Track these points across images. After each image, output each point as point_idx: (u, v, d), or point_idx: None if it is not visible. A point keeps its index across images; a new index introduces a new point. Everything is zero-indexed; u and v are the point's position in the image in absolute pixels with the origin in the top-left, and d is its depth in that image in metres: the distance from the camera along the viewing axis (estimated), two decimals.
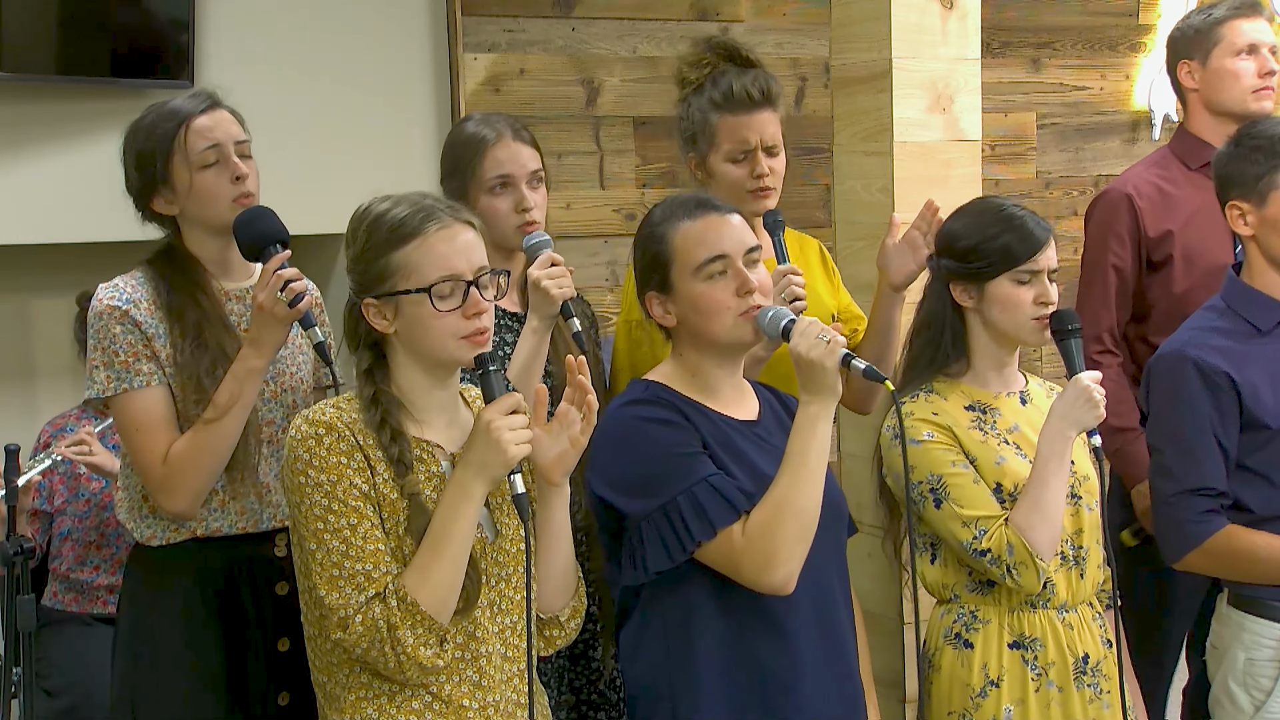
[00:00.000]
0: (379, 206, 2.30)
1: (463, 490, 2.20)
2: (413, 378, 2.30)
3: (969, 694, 2.77)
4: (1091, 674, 2.81)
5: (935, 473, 2.76)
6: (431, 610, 2.17)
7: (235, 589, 2.71)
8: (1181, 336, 3.00)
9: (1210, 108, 3.67)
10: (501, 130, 2.94)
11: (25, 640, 2.69)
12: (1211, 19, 3.67)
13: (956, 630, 2.81)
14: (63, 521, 3.84)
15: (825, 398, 2.41)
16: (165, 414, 2.64)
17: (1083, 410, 2.74)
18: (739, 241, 2.50)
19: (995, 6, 5.12)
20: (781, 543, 2.37)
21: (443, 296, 2.24)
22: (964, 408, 2.83)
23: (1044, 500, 2.71)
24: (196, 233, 2.74)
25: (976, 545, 2.71)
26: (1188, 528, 2.89)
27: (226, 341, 2.68)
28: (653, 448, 2.44)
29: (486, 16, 4.48)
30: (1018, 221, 2.82)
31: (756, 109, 3.02)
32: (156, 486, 2.63)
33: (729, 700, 2.44)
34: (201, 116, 2.71)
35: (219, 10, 4.10)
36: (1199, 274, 3.56)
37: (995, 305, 2.82)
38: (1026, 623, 2.78)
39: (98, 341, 2.65)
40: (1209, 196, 3.61)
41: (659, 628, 2.48)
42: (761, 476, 2.45)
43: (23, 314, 4.32)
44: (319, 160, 4.05)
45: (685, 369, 2.55)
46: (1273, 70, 3.64)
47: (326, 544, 2.18)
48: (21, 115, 3.89)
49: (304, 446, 2.21)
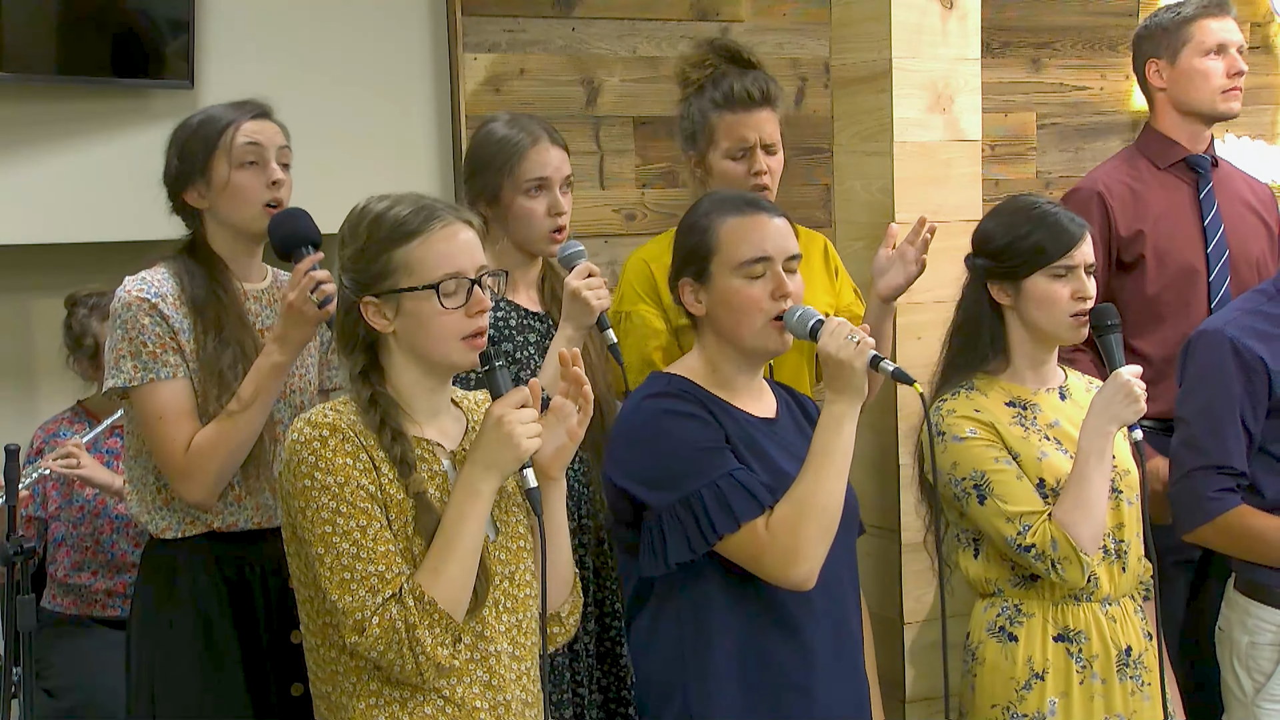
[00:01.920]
0: (378, 205, 2.30)
1: (472, 487, 2.19)
2: (410, 378, 2.29)
3: (1013, 686, 2.80)
4: (1134, 666, 2.85)
5: (979, 469, 2.79)
6: (448, 608, 2.16)
7: (248, 582, 2.75)
8: (1226, 315, 3.07)
9: (1179, 107, 3.65)
10: (538, 133, 2.99)
11: (25, 640, 2.69)
12: (1180, 17, 3.65)
13: (1000, 624, 2.84)
14: (57, 527, 3.83)
15: (852, 397, 2.44)
16: (188, 405, 2.68)
17: (1123, 405, 2.77)
18: (782, 247, 2.53)
19: (995, 6, 5.11)
20: (804, 539, 2.40)
21: (448, 294, 2.24)
22: (1004, 404, 2.86)
23: (1087, 495, 2.74)
24: (221, 231, 2.80)
25: (1021, 541, 2.74)
26: (1204, 503, 2.97)
27: (245, 339, 2.74)
28: (676, 441, 2.46)
29: (486, 16, 4.48)
30: (1051, 219, 2.85)
31: (755, 108, 3.07)
32: (178, 475, 2.67)
33: (741, 695, 2.46)
34: (252, 121, 2.79)
35: (219, 10, 4.09)
36: (1170, 275, 3.56)
37: (1032, 302, 2.85)
38: (1071, 616, 2.82)
39: (125, 332, 2.69)
40: (1178, 196, 3.62)
41: (672, 621, 2.50)
42: (782, 474, 2.47)
43: (23, 314, 4.32)
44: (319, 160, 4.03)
45: (707, 363, 2.57)
46: (1241, 70, 3.63)
47: (336, 547, 2.16)
48: (21, 115, 3.89)
49: (309, 449, 2.19)
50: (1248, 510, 2.97)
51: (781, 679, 2.47)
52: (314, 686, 2.31)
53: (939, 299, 3.26)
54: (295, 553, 2.26)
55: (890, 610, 3.33)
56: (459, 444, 2.34)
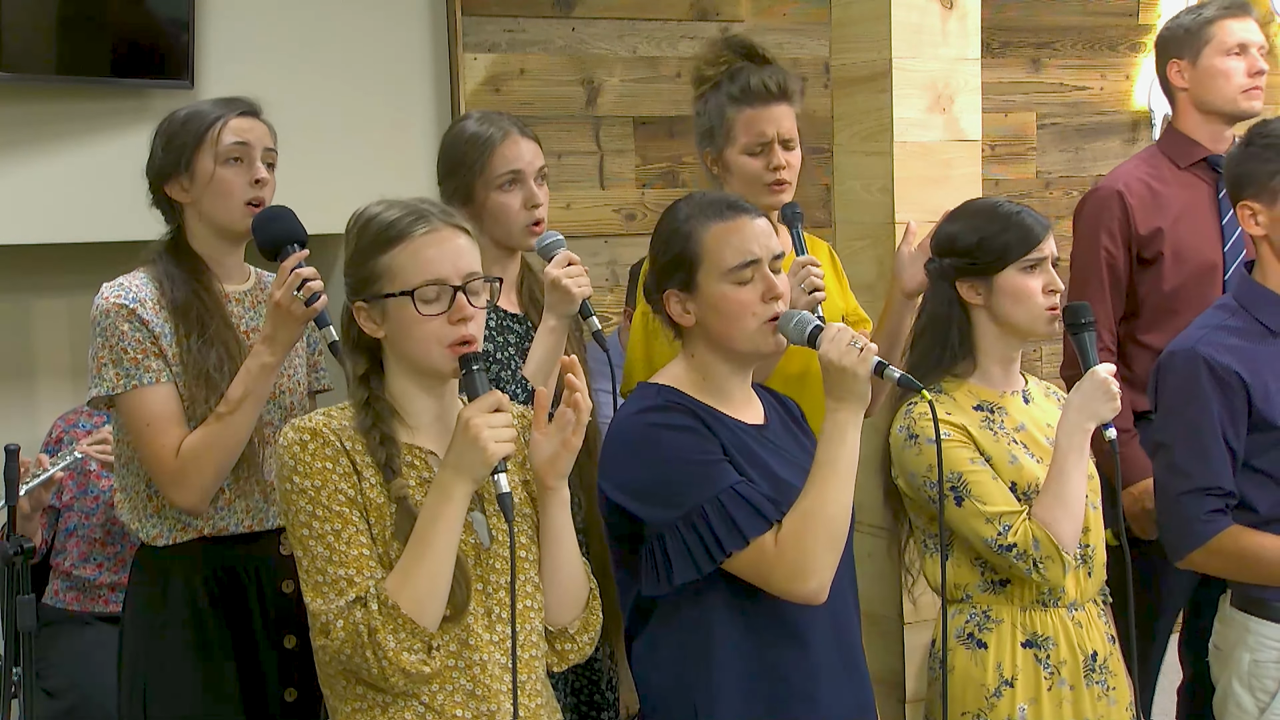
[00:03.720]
0: (373, 209, 2.29)
1: (444, 492, 2.16)
2: (404, 383, 2.28)
3: (984, 694, 2.78)
4: (1100, 671, 2.83)
5: (955, 470, 2.77)
6: (413, 614, 2.13)
7: (241, 587, 2.73)
8: (1193, 334, 2.99)
9: (1200, 107, 3.67)
10: (507, 127, 2.95)
11: (25, 640, 2.68)
12: (1201, 18, 3.67)
13: (969, 630, 2.81)
14: (69, 517, 3.84)
15: (855, 405, 2.38)
16: (175, 410, 2.66)
17: (1100, 402, 2.76)
18: (768, 246, 2.47)
19: (995, 6, 5.12)
20: (813, 552, 2.34)
21: (426, 300, 2.21)
22: (972, 408, 2.84)
23: (1066, 493, 2.73)
24: (202, 229, 2.77)
25: (1001, 541, 2.72)
26: (1193, 526, 2.90)
27: (230, 339, 2.71)
28: (671, 455, 2.40)
29: (486, 16, 4.48)
30: (1017, 216, 2.85)
31: (774, 102, 3.03)
32: (169, 481, 2.64)
33: (748, 710, 2.42)
34: (240, 118, 2.76)
35: (219, 10, 4.10)
36: (1188, 272, 3.58)
37: (1006, 298, 2.83)
38: (1039, 621, 2.80)
39: (105, 339, 2.66)
40: (1198, 195, 3.61)
41: (677, 638, 2.45)
42: (781, 482, 2.43)
43: (23, 314, 4.32)
44: (318, 160, 4.04)
45: (696, 371, 2.51)
46: (1262, 70, 3.64)
47: (311, 550, 2.17)
48: (21, 115, 3.89)
49: (289, 453, 2.20)
50: (1241, 530, 2.89)
51: (788, 689, 2.42)
52: (321, 684, 2.30)
53: None
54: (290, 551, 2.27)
55: (890, 610, 3.33)
56: None
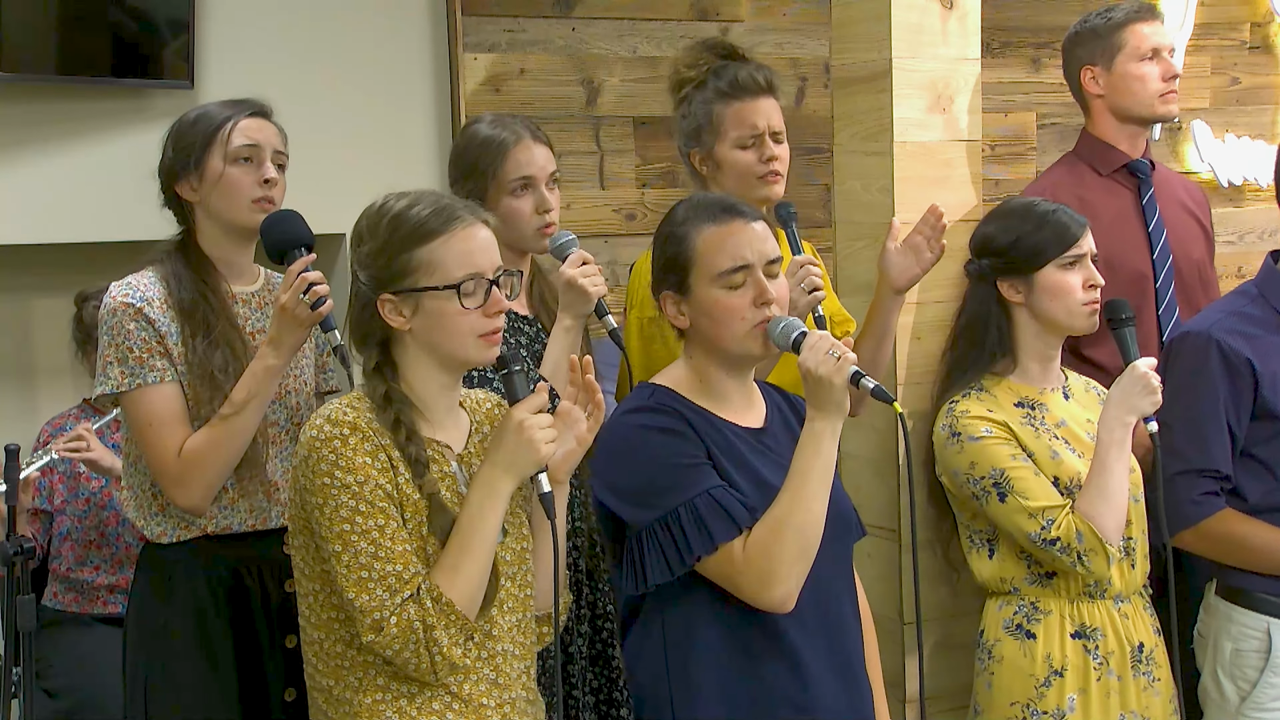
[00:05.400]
0: (398, 203, 2.31)
1: (490, 488, 2.21)
2: (424, 376, 2.30)
3: (1033, 684, 2.82)
4: (1145, 663, 2.88)
5: (997, 467, 2.81)
6: (464, 608, 2.18)
7: (244, 586, 2.74)
8: (1210, 317, 3.04)
9: (1117, 113, 3.61)
10: (520, 132, 2.96)
11: (25, 640, 2.69)
12: (1111, 23, 3.61)
13: (1018, 622, 2.86)
14: (62, 521, 3.84)
15: (832, 414, 2.38)
16: (179, 410, 2.67)
17: (1140, 396, 2.81)
18: (761, 251, 2.46)
19: (995, 6, 5.11)
20: (780, 561, 2.36)
21: (468, 294, 2.25)
22: (1013, 405, 2.89)
23: (1108, 486, 2.77)
24: (211, 229, 2.78)
25: (1045, 535, 2.76)
26: (1187, 507, 2.94)
27: (235, 340, 2.72)
28: (654, 457, 2.42)
29: (486, 16, 4.48)
30: (1054, 215, 2.92)
31: (761, 95, 3.06)
32: (171, 481, 2.65)
33: (728, 710, 2.42)
34: (250, 119, 2.78)
35: (219, 10, 4.10)
36: (1121, 282, 3.48)
37: (1046, 295, 2.89)
38: (1087, 613, 2.85)
39: (111, 338, 2.68)
40: (1123, 202, 3.59)
41: (659, 639, 2.47)
42: (766, 486, 2.43)
43: (23, 314, 4.32)
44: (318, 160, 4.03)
45: (694, 373, 2.53)
46: (1175, 73, 3.61)
47: (354, 546, 2.17)
48: (21, 115, 3.89)
49: (329, 447, 2.20)
50: (1232, 514, 2.93)
51: (773, 694, 2.42)
52: (313, 681, 2.31)
53: (938, 299, 3.26)
54: (302, 545, 2.27)
55: (890, 610, 3.33)
56: (464, 446, 2.35)
